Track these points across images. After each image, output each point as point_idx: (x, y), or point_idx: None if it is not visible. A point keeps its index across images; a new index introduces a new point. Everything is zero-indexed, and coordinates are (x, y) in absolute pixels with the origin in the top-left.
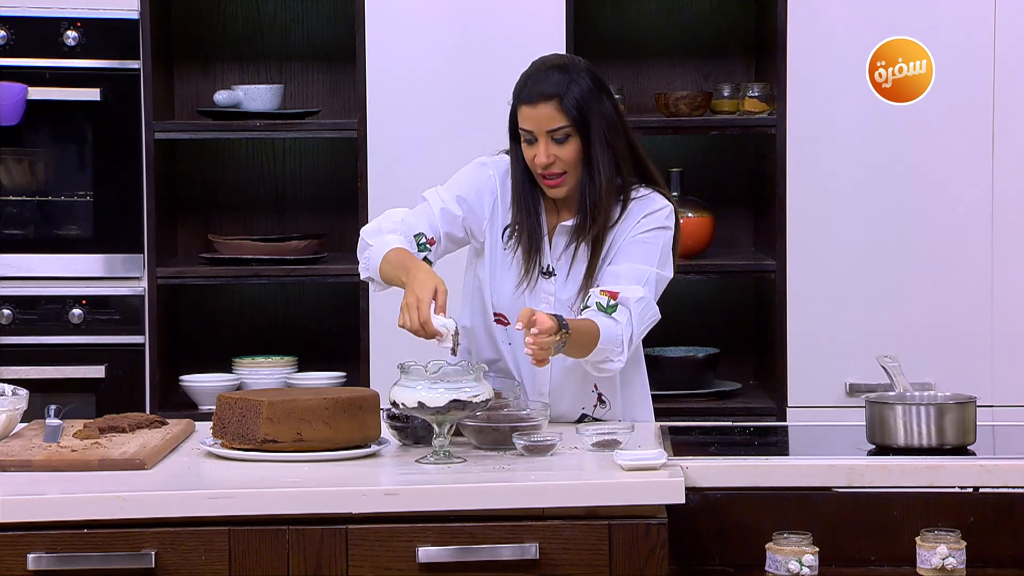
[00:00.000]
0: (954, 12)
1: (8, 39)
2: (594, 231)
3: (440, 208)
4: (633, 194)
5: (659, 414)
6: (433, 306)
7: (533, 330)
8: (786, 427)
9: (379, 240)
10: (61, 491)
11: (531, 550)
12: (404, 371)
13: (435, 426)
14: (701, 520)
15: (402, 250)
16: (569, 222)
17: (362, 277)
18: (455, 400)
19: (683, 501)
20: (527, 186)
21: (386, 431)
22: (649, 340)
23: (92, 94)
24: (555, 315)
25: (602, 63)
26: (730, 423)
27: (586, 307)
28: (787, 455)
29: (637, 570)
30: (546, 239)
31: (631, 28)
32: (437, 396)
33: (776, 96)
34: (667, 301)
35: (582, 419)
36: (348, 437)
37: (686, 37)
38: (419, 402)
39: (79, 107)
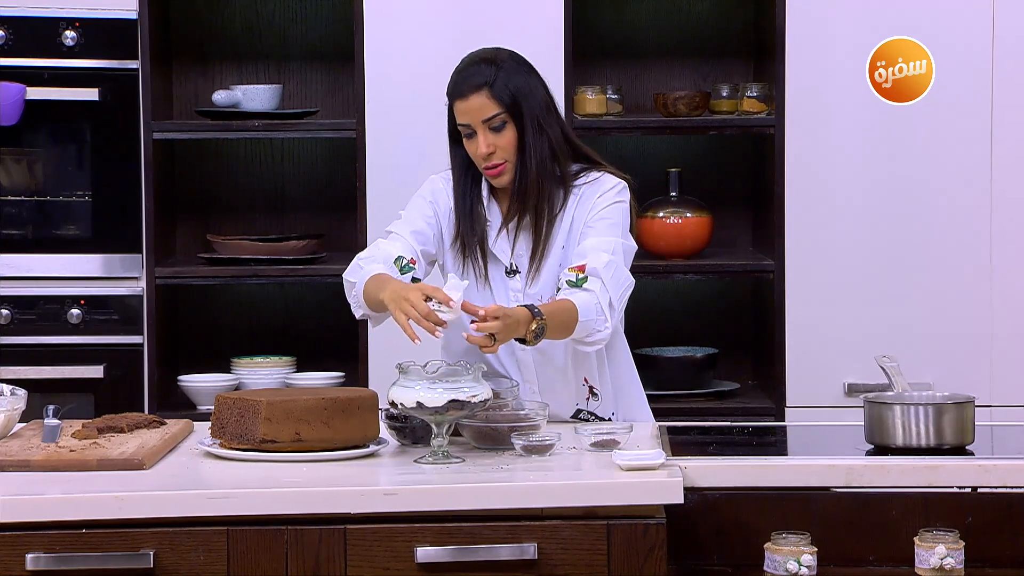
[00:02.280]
0: (953, 12)
1: (7, 39)
2: (533, 216)
3: (410, 230)
4: (583, 179)
5: (657, 414)
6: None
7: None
8: (784, 427)
9: (361, 275)
10: (59, 491)
11: (529, 550)
12: (403, 371)
13: (433, 426)
14: (700, 520)
15: (381, 274)
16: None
17: (357, 317)
18: (454, 400)
19: (681, 501)
20: (468, 187)
21: (385, 431)
22: (647, 340)
23: (91, 94)
24: (526, 305)
25: (601, 63)
26: (729, 423)
27: (559, 288)
28: (786, 455)
29: (635, 570)
30: (504, 238)
31: (630, 28)
32: (436, 396)
33: (774, 96)
34: (666, 301)
35: (577, 414)
36: (347, 437)
37: (685, 37)
38: (418, 402)
39: (78, 107)
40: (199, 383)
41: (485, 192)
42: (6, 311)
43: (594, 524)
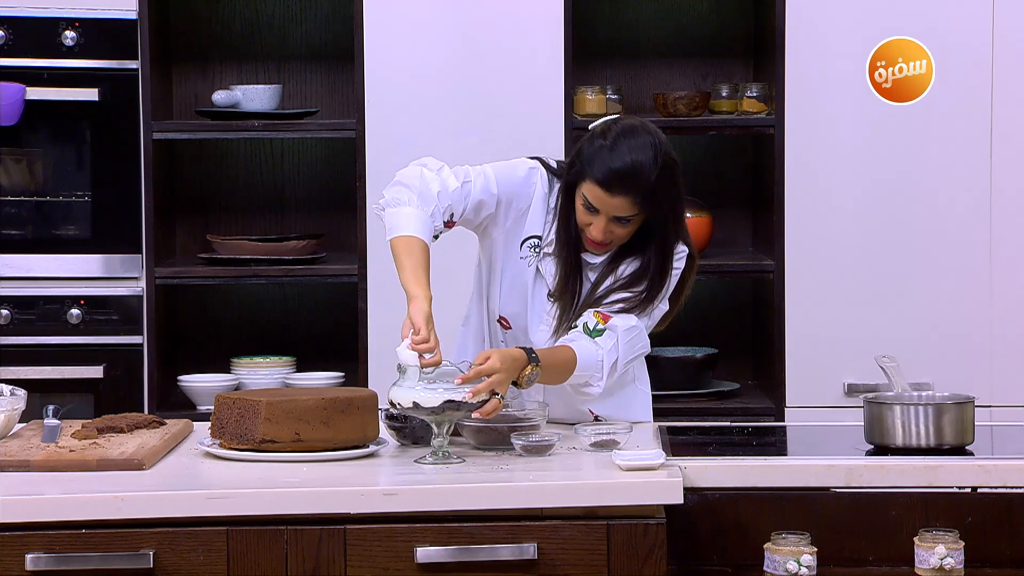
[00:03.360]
0: (953, 12)
1: (6, 39)
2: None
3: (476, 197)
4: None
5: (657, 414)
6: (407, 342)
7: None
8: (784, 427)
9: (395, 214)
10: (59, 491)
11: (529, 550)
12: (402, 371)
13: (433, 426)
14: (699, 520)
15: (409, 243)
16: (597, 260)
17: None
18: (449, 401)
19: (681, 501)
20: (574, 238)
21: (384, 431)
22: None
23: (90, 94)
24: (523, 348)
25: (601, 64)
26: (728, 423)
27: (573, 327)
28: (785, 455)
29: (635, 570)
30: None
31: (629, 29)
32: (432, 396)
33: (774, 96)
34: None
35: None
36: (346, 437)
37: (684, 37)
38: (414, 402)
39: (77, 107)
40: (199, 383)
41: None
42: (6, 311)
43: (594, 524)
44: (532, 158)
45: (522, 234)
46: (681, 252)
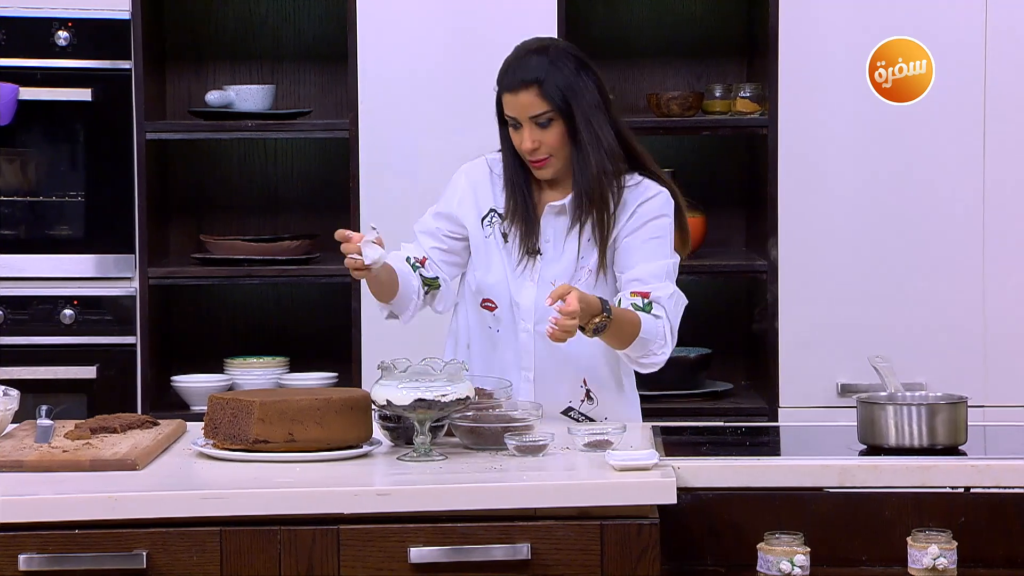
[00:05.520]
0: (951, 12)
1: None
2: (593, 213)
3: (421, 231)
4: (626, 181)
5: (651, 414)
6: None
7: (560, 304)
8: (778, 427)
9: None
10: (52, 491)
11: (523, 550)
12: (383, 369)
13: (416, 424)
14: (693, 520)
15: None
16: (558, 202)
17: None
18: (419, 399)
19: (675, 501)
20: (518, 168)
21: (378, 431)
22: None
23: (84, 94)
24: (600, 297)
25: (594, 63)
26: (722, 423)
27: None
28: (779, 455)
29: (629, 570)
30: (541, 221)
31: (623, 28)
32: (403, 394)
33: (768, 96)
34: None
35: (567, 411)
36: (340, 437)
37: (678, 37)
38: (387, 400)
39: (70, 107)
40: (192, 383)
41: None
42: None
43: (587, 524)
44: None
45: (479, 216)
46: (660, 193)
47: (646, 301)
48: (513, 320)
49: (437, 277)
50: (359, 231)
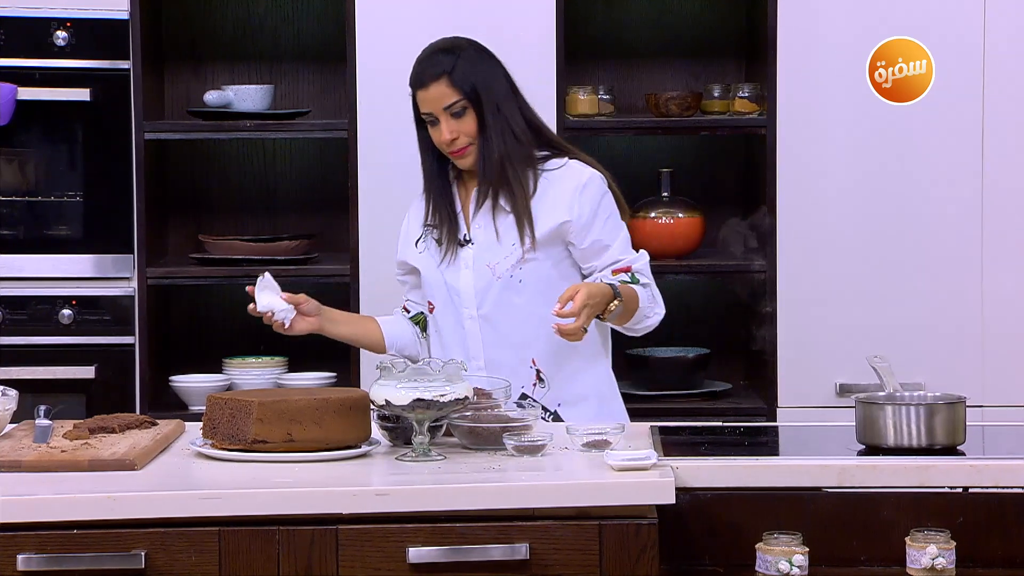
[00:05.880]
0: (951, 12)
1: None
2: (511, 200)
3: (397, 280)
4: (551, 164)
5: (649, 414)
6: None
7: (568, 309)
8: (776, 427)
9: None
10: (51, 491)
11: (521, 550)
12: (381, 369)
13: (415, 424)
14: (691, 520)
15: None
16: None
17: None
18: (418, 399)
19: (673, 501)
20: (434, 167)
21: (377, 431)
22: (639, 340)
23: (82, 94)
24: (609, 283)
25: (593, 63)
26: (720, 423)
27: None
28: (777, 455)
29: (627, 570)
30: (461, 216)
31: (622, 28)
32: (401, 394)
33: (766, 97)
34: None
35: (523, 398)
36: (339, 437)
37: (676, 37)
38: (386, 400)
39: (69, 107)
40: (191, 383)
41: (451, 174)
42: None
43: (586, 524)
44: None
45: (414, 242)
46: (593, 176)
47: (631, 275)
48: (456, 311)
49: (421, 312)
50: (358, 231)
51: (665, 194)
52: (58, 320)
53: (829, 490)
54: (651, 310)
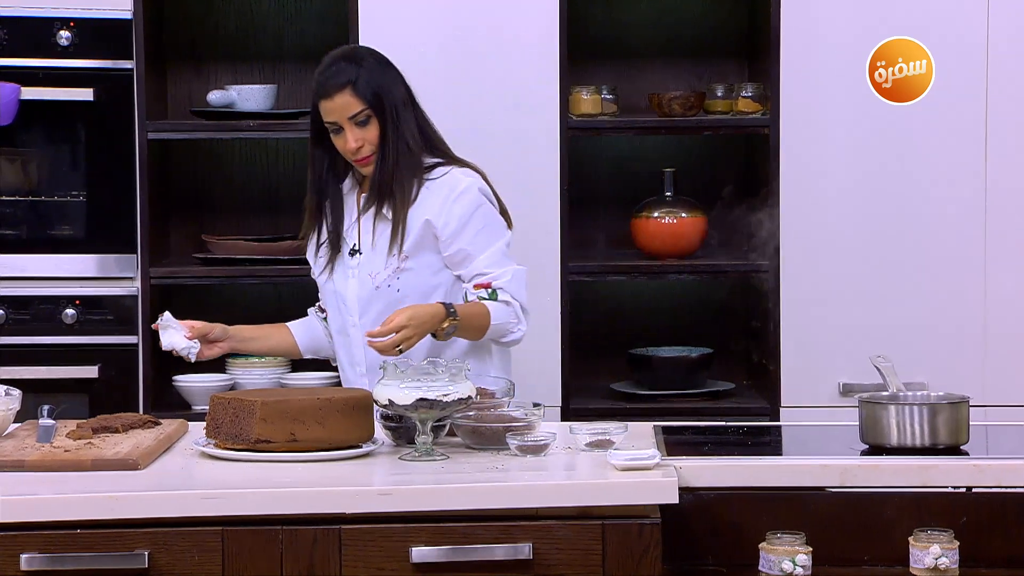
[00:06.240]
0: (951, 12)
1: (1, 39)
2: (391, 204)
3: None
4: (435, 173)
5: (652, 414)
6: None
7: (378, 329)
8: (779, 427)
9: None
10: (54, 491)
11: (524, 550)
12: (385, 369)
13: (418, 423)
14: (694, 520)
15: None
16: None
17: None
18: (421, 399)
19: (676, 501)
20: (330, 176)
21: (380, 431)
22: (642, 340)
23: (85, 94)
24: (443, 303)
25: (595, 63)
26: (724, 423)
27: (466, 300)
28: (780, 455)
29: (631, 570)
30: (355, 226)
31: (624, 28)
32: (405, 394)
33: (769, 96)
34: (660, 301)
35: None
36: (342, 437)
37: (679, 37)
38: (389, 399)
39: (72, 107)
40: (194, 383)
41: (347, 186)
42: (1, 311)
43: (589, 524)
44: None
45: (313, 254)
46: (470, 185)
47: (491, 291)
48: (342, 317)
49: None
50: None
51: (668, 194)
52: (61, 320)
53: (832, 490)
54: (514, 326)
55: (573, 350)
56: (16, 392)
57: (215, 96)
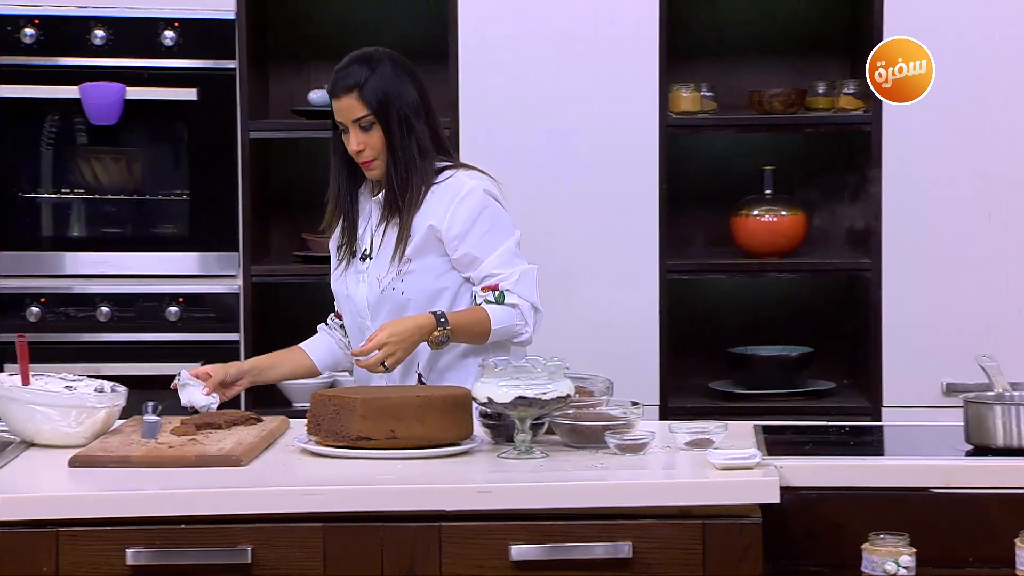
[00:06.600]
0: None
1: (107, 39)
2: (399, 213)
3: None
4: (441, 177)
5: (751, 413)
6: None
7: (362, 347)
8: (881, 427)
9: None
10: (159, 487)
11: (624, 549)
12: (484, 368)
13: (517, 422)
14: (795, 520)
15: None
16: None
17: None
18: (520, 397)
19: (778, 501)
20: (343, 175)
21: (479, 429)
22: (741, 339)
23: (189, 94)
24: (433, 312)
25: (694, 60)
26: (824, 423)
27: (475, 303)
28: (883, 455)
29: (731, 570)
30: (368, 229)
31: (724, 25)
32: (504, 392)
33: (872, 93)
34: (760, 300)
35: None
36: (441, 435)
37: (780, 34)
38: (488, 397)
39: (175, 106)
40: (295, 381)
41: (363, 189)
42: (106, 308)
43: (689, 523)
44: None
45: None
46: (475, 188)
47: (497, 294)
48: (360, 321)
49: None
50: None
51: (768, 192)
52: (165, 317)
53: (936, 490)
54: (521, 328)
55: (671, 349)
56: (122, 389)
57: (315, 95)
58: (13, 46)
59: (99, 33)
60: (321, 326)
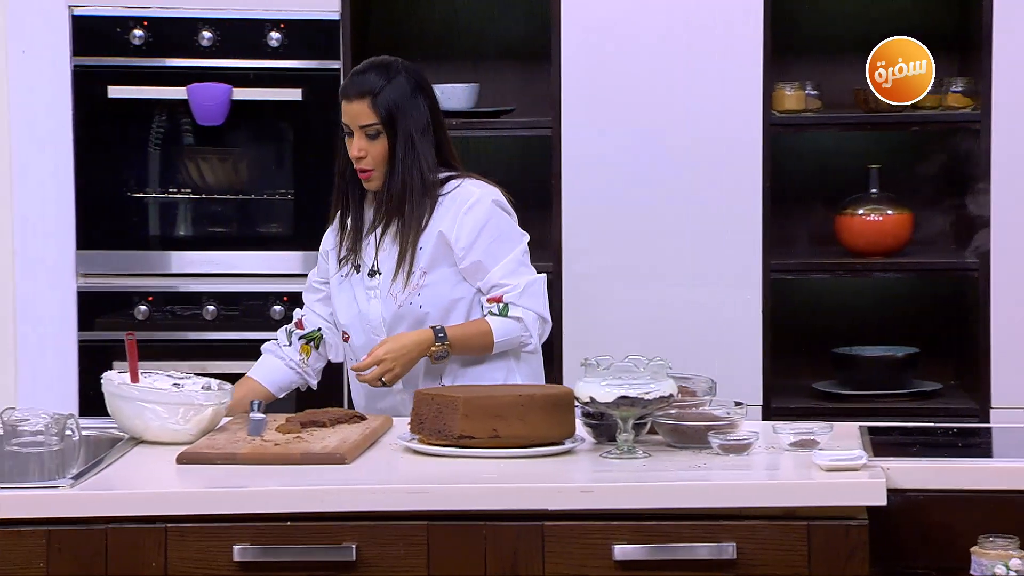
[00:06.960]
0: None
1: (214, 40)
2: (399, 226)
3: (305, 290)
4: (446, 187)
5: (857, 414)
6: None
7: (361, 363)
8: (990, 428)
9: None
10: (265, 484)
11: (728, 550)
12: (586, 366)
13: (619, 421)
14: (902, 522)
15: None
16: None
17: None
18: (623, 396)
19: (884, 502)
20: (351, 181)
21: (581, 428)
22: (846, 339)
23: (294, 94)
24: (433, 327)
25: (800, 58)
26: (932, 424)
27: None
28: (991, 457)
29: (836, 572)
30: (373, 243)
31: (828, 22)
32: (606, 392)
33: (980, 91)
34: (865, 299)
35: None
36: (543, 434)
37: (885, 31)
38: (591, 397)
39: (280, 107)
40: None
41: (369, 195)
42: (211, 307)
43: (794, 524)
44: None
45: (336, 260)
46: (481, 197)
47: (501, 306)
48: (368, 340)
49: (319, 328)
50: (561, 228)
51: (873, 191)
52: (269, 316)
53: None
54: (526, 339)
55: (774, 349)
56: (228, 387)
57: None
58: (123, 47)
59: (206, 34)
60: (266, 347)
